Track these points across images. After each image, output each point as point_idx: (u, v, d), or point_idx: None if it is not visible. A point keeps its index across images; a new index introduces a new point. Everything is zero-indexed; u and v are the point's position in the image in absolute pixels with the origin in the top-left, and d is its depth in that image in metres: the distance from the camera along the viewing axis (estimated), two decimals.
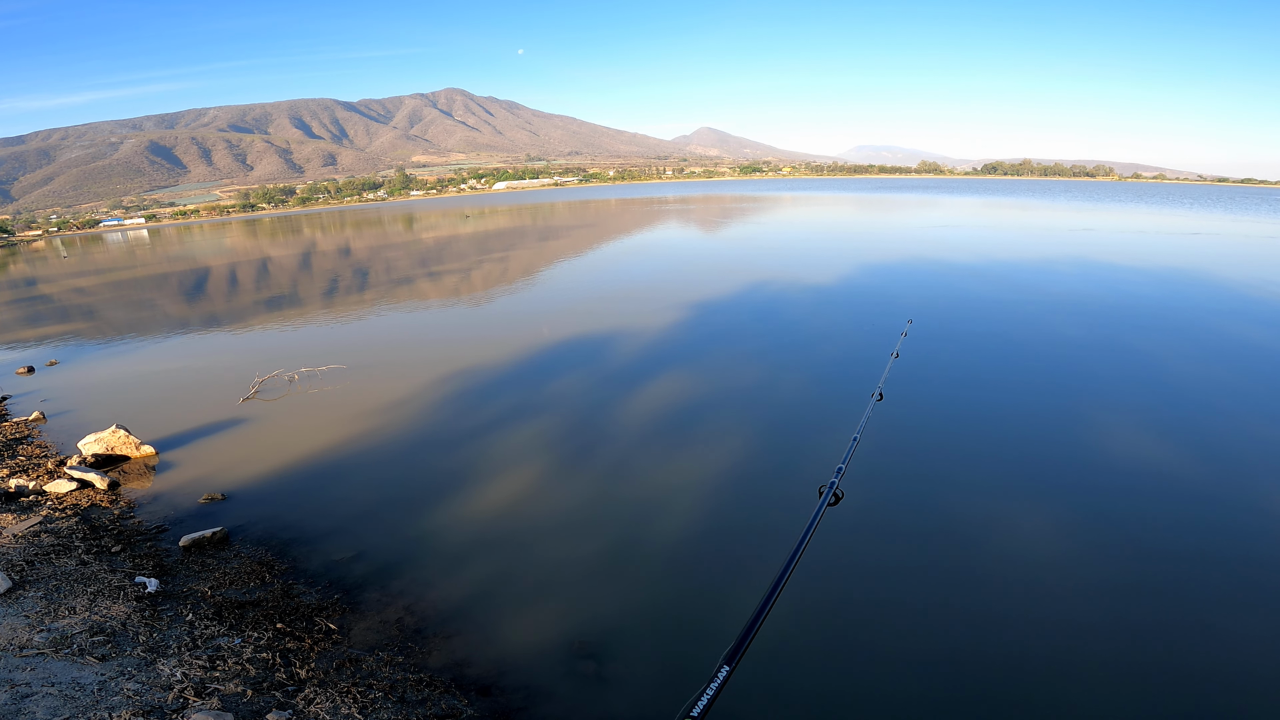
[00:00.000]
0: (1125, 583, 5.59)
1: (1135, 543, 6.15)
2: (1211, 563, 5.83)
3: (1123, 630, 5.03)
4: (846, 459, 3.78)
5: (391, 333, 16.66)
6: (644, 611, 5.49)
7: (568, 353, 13.44)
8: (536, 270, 27.53)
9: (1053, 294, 17.75)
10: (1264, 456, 7.81)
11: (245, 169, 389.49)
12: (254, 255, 46.64)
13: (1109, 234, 35.17)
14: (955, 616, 5.26)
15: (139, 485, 7.99)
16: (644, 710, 4.50)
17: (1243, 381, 10.55)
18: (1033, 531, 6.40)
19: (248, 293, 27.49)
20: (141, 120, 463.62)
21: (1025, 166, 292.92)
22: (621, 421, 9.55)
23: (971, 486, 7.28)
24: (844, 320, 15.31)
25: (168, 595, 5.44)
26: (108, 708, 3.79)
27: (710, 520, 6.80)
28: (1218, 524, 6.43)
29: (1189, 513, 6.64)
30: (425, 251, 39.40)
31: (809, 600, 5.43)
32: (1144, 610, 5.25)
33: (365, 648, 5.05)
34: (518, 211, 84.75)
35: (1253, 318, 14.91)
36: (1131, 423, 8.91)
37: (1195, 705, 4.37)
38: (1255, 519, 6.49)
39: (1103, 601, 5.36)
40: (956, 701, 4.47)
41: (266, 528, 6.84)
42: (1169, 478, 7.38)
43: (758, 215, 55.90)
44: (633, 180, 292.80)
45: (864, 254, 27.25)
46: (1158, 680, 4.57)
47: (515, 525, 6.87)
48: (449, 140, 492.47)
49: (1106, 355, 12.04)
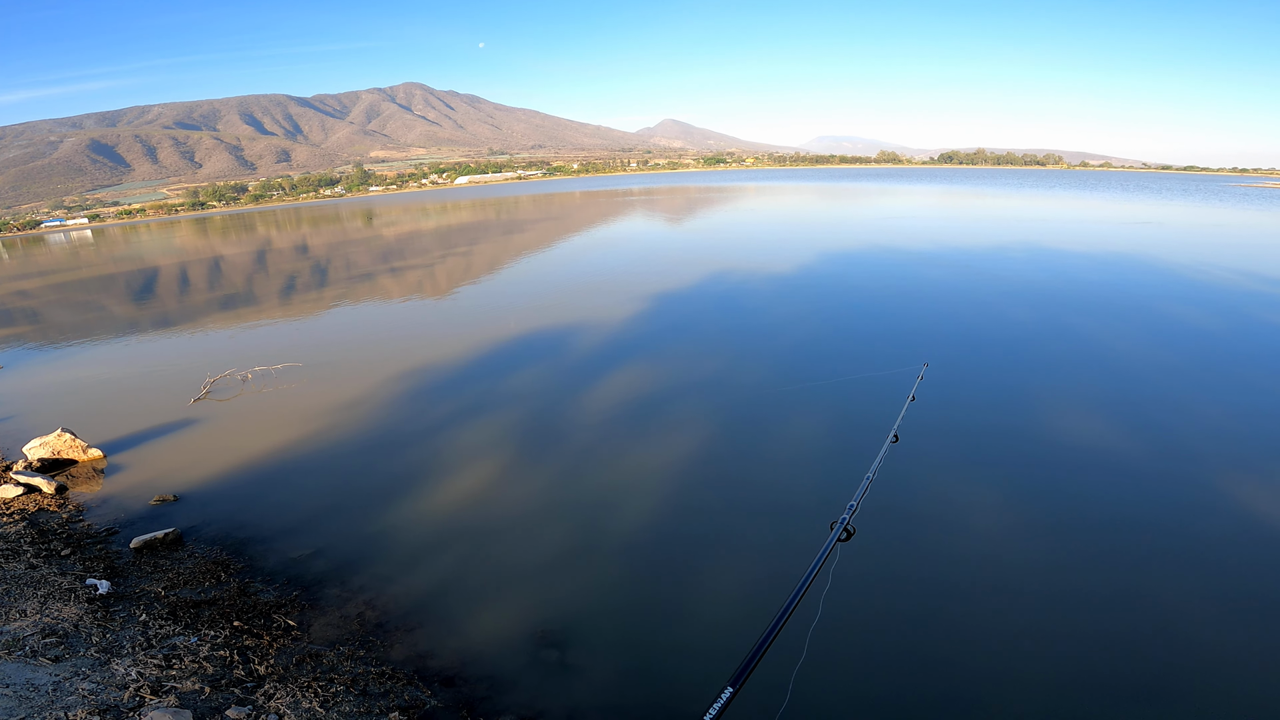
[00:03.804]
0: (1086, 568, 5.88)
1: (1079, 519, 6.47)
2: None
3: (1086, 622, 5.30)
4: (860, 498, 3.34)
5: (351, 330, 16.40)
6: (606, 601, 5.55)
7: (529, 348, 13.41)
8: (500, 265, 27.33)
9: (1003, 279, 18.33)
10: (1201, 434, 8.19)
11: (193, 167, 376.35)
12: (205, 254, 45.23)
13: (1060, 223, 36.35)
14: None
15: (87, 489, 7.77)
16: (608, 697, 4.59)
17: (1179, 361, 11.08)
18: (973, 501, 6.67)
19: (199, 293, 26.69)
20: (82, 119, 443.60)
21: (979, 156, 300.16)
22: (582, 416, 9.59)
23: (943, 470, 7.53)
24: (805, 309, 15.56)
25: (120, 596, 5.33)
26: (63, 707, 3.72)
27: (669, 511, 6.87)
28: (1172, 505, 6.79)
29: (1139, 495, 6.99)
30: (386, 247, 38.72)
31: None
32: (1113, 615, 5.52)
33: (326, 643, 5.03)
34: (481, 206, 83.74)
35: (1188, 300, 15.62)
36: (1077, 403, 9.30)
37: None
38: (1198, 492, 6.88)
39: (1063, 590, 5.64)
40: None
41: (221, 527, 6.73)
42: (1114, 457, 7.74)
43: (722, 206, 56.27)
44: (597, 173, 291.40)
45: (824, 244, 27.68)
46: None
47: (476, 519, 6.87)
48: (408, 135, 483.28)
49: (1053, 337, 12.53)
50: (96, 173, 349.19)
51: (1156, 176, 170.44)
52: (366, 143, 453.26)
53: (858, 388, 9.98)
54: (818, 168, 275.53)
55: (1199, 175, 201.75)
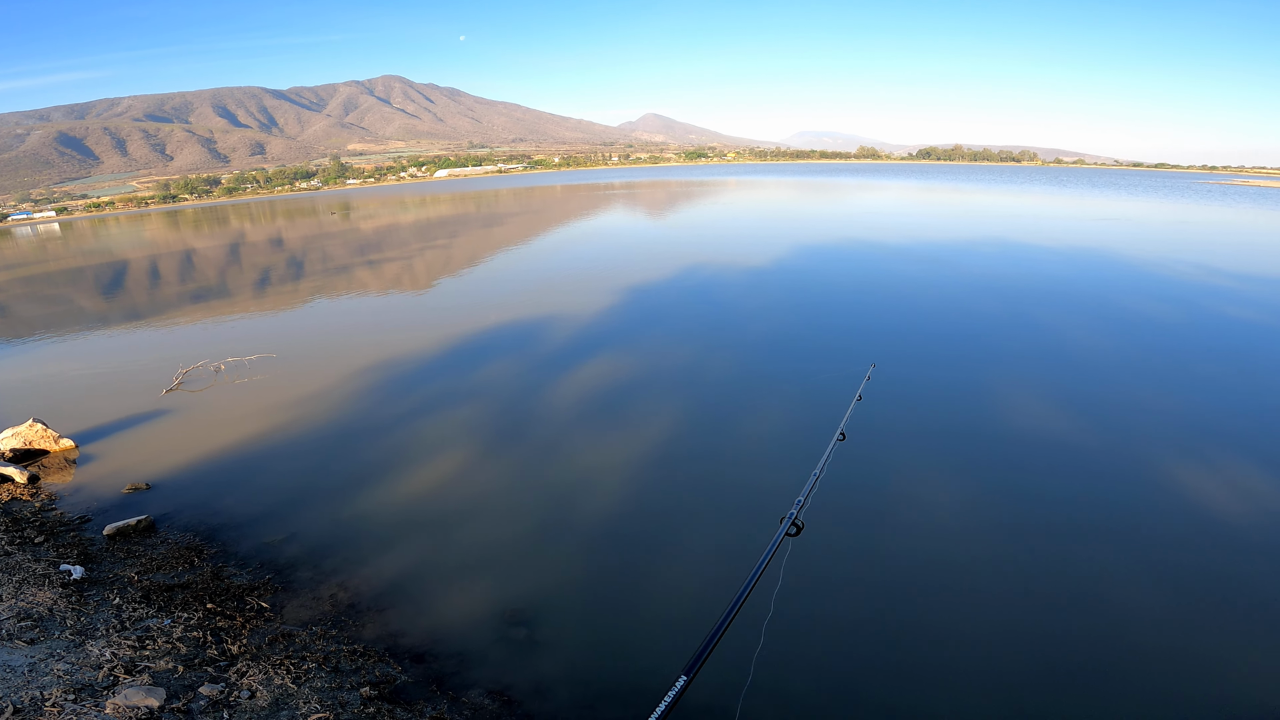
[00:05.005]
0: (1014, 533, 6.18)
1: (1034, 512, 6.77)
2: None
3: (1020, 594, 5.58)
4: (813, 488, 3.47)
5: (326, 322, 16.36)
6: (573, 582, 5.74)
7: (505, 340, 13.51)
8: (480, 258, 27.28)
9: (972, 272, 18.76)
10: (1151, 427, 8.48)
11: (164, 159, 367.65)
12: (177, 247, 44.48)
13: (1031, 219, 37.09)
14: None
15: (59, 478, 7.78)
16: (575, 671, 4.77)
17: (1134, 354, 11.50)
18: (935, 486, 6.95)
19: (170, 286, 26.30)
20: (49, 111, 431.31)
21: (957, 152, 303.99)
22: (549, 407, 9.74)
23: (904, 455, 7.81)
24: (777, 301, 15.83)
25: (94, 581, 5.40)
26: (39, 687, 3.82)
27: (630, 499, 7.05)
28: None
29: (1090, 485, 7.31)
30: (364, 240, 38.42)
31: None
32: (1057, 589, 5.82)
33: (298, 624, 5.15)
34: (460, 199, 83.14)
35: (1147, 294, 16.14)
36: (1030, 397, 9.64)
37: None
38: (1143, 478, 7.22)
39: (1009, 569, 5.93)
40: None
41: (194, 515, 6.80)
42: (1069, 447, 8.07)
43: (703, 200, 56.49)
44: (578, 167, 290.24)
45: (802, 238, 28.00)
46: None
47: (447, 505, 7.02)
48: (387, 128, 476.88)
49: (1015, 330, 12.92)
50: (64, 165, 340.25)
51: (1127, 174, 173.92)
52: (344, 136, 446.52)
53: (814, 383, 10.26)
54: (798, 163, 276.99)
55: (1169, 173, 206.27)
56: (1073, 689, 4.48)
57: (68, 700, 3.80)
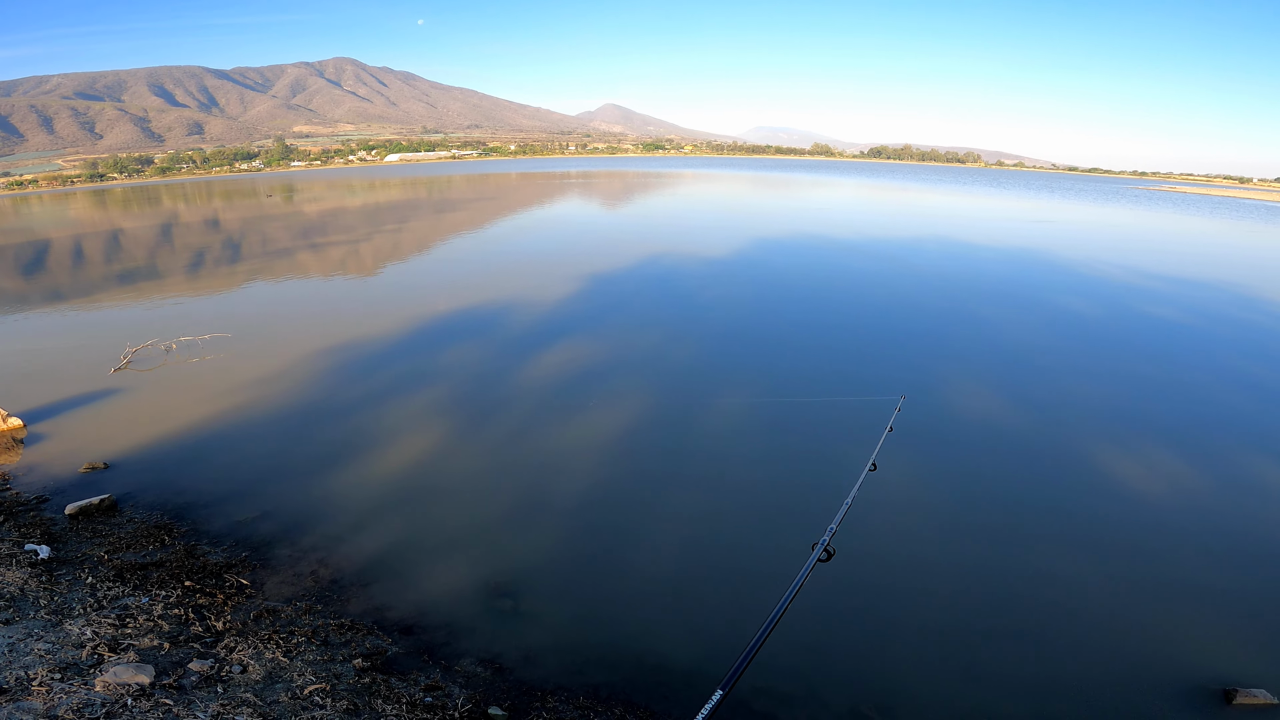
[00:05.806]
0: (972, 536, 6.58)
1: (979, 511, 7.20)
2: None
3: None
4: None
5: (272, 305, 15.86)
6: (555, 555, 5.87)
7: (464, 323, 13.42)
8: (431, 244, 26.75)
9: (917, 268, 19.49)
10: (1078, 414, 9.03)
11: (93, 138, 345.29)
12: (104, 227, 42.06)
13: (972, 219, 38.60)
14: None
15: (9, 458, 7.45)
16: (563, 639, 4.89)
17: (1063, 345, 12.22)
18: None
19: (98, 267, 24.83)
20: None
21: (906, 151, 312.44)
22: (516, 386, 9.81)
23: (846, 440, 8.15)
24: (740, 292, 16.13)
25: (62, 561, 5.24)
26: (23, 667, 3.72)
27: (604, 476, 7.22)
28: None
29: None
30: (307, 223, 37.12)
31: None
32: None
33: (281, 599, 5.12)
34: (412, 184, 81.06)
35: (1073, 290, 17.13)
36: (964, 386, 10.18)
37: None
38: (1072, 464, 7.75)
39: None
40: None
41: (158, 494, 6.63)
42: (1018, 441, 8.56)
43: (660, 191, 56.62)
44: (535, 155, 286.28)
45: (756, 231, 28.45)
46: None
47: (420, 484, 7.04)
48: (336, 110, 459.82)
49: (958, 321, 13.56)
50: None
51: (1064, 177, 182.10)
52: (290, 117, 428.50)
53: (774, 366, 10.58)
54: (754, 157, 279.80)
55: (1102, 177, 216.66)
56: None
57: (54, 679, 3.71)
